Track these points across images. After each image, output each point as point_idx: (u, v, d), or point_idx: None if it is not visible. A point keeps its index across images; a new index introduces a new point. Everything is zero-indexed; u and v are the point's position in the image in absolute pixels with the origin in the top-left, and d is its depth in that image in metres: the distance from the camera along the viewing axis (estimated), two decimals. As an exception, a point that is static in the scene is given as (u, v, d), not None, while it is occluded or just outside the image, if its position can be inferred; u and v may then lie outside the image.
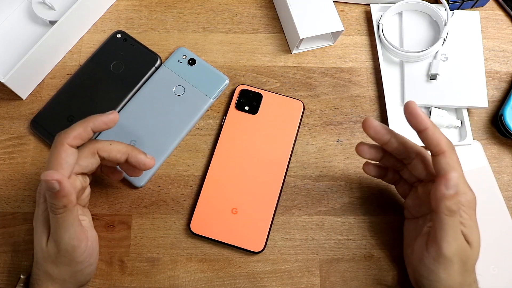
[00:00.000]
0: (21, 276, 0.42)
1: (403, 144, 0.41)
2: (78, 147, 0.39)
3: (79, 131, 0.38)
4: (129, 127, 0.50)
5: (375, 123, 0.41)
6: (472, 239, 0.38)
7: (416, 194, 0.42)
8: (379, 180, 0.50)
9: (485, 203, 0.48)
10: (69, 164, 0.38)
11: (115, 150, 0.41)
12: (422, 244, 0.39)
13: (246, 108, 0.51)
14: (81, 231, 0.39)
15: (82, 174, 0.41)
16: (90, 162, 0.40)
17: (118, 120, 0.40)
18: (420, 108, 0.38)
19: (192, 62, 0.53)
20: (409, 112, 0.38)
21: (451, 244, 0.37)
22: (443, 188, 0.36)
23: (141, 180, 0.48)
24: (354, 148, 0.44)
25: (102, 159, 0.41)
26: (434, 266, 0.38)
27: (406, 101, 0.52)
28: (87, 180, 0.42)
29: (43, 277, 0.39)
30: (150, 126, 0.50)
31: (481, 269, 0.46)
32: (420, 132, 0.38)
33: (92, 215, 0.44)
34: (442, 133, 0.38)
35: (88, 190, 0.43)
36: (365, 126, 0.41)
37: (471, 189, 0.39)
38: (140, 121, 0.50)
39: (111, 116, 0.40)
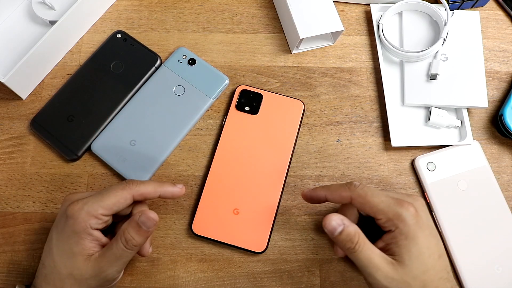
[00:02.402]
0: None
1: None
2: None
3: (149, 190, 0.40)
4: (129, 127, 0.50)
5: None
6: (403, 257, 0.36)
7: None
8: (379, 180, 0.50)
9: (486, 202, 0.48)
10: (118, 209, 0.39)
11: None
12: None
13: (247, 108, 0.51)
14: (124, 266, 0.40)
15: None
16: (124, 210, 0.41)
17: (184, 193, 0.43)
18: (309, 191, 0.42)
19: (192, 62, 0.53)
20: (306, 199, 0.43)
21: (372, 276, 0.36)
22: (329, 234, 0.38)
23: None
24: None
25: (131, 214, 0.42)
26: None
27: (406, 101, 0.52)
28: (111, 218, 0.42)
29: None
30: (150, 126, 0.50)
31: (485, 268, 0.46)
32: (325, 201, 0.41)
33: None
34: (338, 186, 0.40)
35: (110, 221, 0.43)
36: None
37: (412, 201, 0.38)
38: (140, 121, 0.50)
39: (180, 191, 0.42)
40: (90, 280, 0.38)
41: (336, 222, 0.38)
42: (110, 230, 0.42)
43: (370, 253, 0.37)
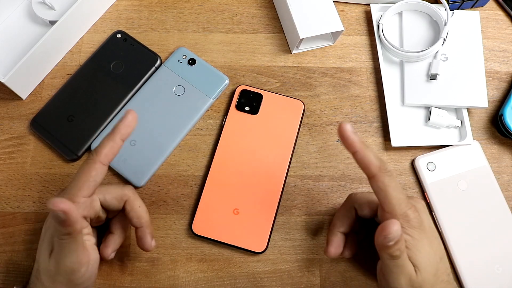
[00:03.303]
0: None
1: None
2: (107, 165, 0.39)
3: (109, 145, 0.38)
4: (129, 127, 0.50)
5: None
6: (418, 261, 0.36)
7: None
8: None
9: (486, 202, 0.48)
10: (96, 183, 0.38)
11: (136, 216, 0.41)
12: (379, 275, 0.39)
13: (247, 108, 0.51)
14: (84, 255, 0.38)
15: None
16: (113, 203, 0.41)
17: (137, 117, 0.39)
18: (352, 131, 0.37)
19: (192, 62, 0.53)
20: (341, 135, 0.37)
21: (399, 282, 0.36)
22: (383, 240, 0.35)
23: (141, 180, 0.48)
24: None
25: (124, 209, 0.41)
26: None
27: (406, 101, 0.52)
28: (104, 213, 0.42)
29: None
30: (150, 126, 0.50)
31: (485, 268, 0.46)
32: (352, 154, 0.37)
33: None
34: (374, 156, 0.36)
35: (103, 217, 0.42)
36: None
37: (414, 204, 0.38)
38: (140, 121, 0.50)
39: (129, 117, 0.39)
40: (57, 277, 0.37)
41: (398, 233, 0.34)
42: (108, 228, 0.43)
43: (405, 259, 0.36)
